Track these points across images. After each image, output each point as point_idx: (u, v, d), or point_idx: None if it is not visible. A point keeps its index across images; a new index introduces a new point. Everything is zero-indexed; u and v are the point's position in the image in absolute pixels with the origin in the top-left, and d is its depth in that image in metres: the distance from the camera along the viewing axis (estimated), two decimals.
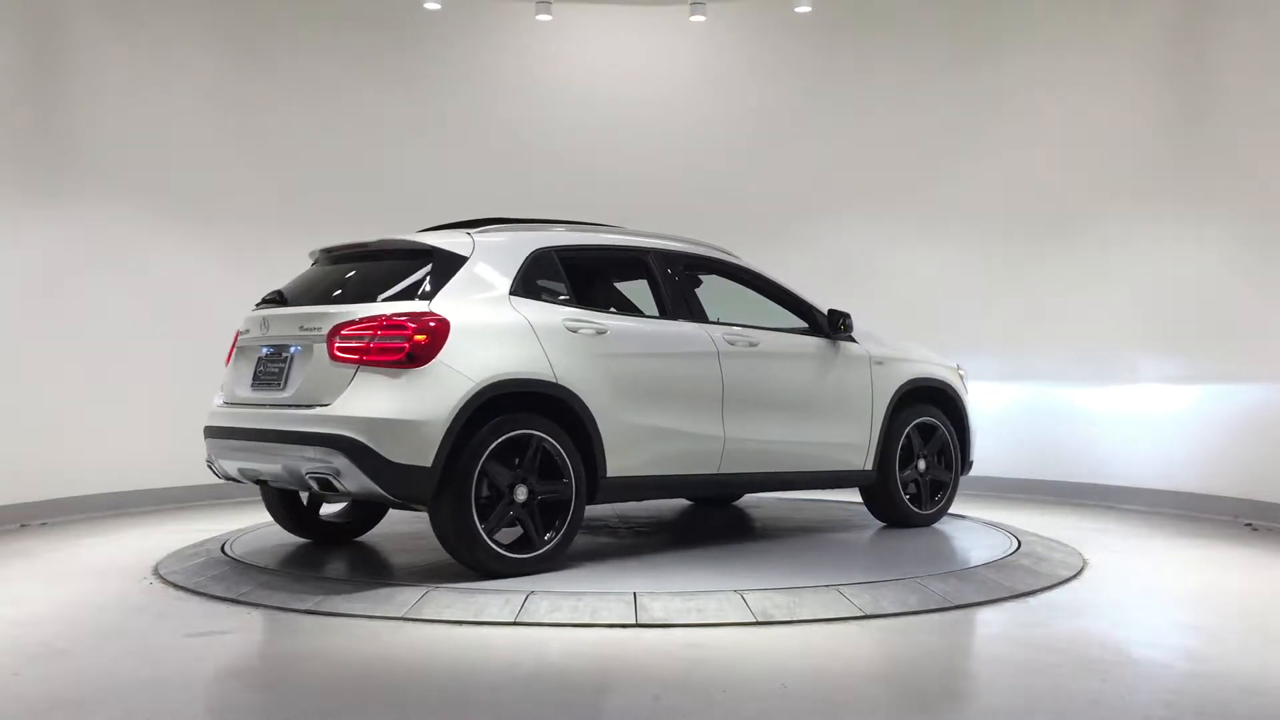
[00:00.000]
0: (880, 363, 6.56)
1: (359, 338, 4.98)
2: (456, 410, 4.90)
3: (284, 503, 6.10)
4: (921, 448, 6.73)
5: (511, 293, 5.31)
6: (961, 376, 7.10)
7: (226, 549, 5.99)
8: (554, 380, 5.20)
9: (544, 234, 5.70)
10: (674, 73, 9.69)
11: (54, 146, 7.79)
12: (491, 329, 5.15)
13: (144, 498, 8.04)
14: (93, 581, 5.49)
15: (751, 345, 6.04)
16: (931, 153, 9.20)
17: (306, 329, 5.20)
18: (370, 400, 4.90)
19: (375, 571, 5.37)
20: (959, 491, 7.05)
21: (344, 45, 9.21)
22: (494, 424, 5.04)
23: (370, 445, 4.83)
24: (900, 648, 4.30)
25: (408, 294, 5.17)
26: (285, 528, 6.28)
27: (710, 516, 7.29)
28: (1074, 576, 5.55)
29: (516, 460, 5.13)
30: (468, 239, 5.44)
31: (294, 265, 6.15)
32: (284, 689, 3.83)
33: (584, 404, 5.28)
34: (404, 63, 9.37)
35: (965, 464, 7.02)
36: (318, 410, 5.01)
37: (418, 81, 9.41)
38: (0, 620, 4.70)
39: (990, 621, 4.73)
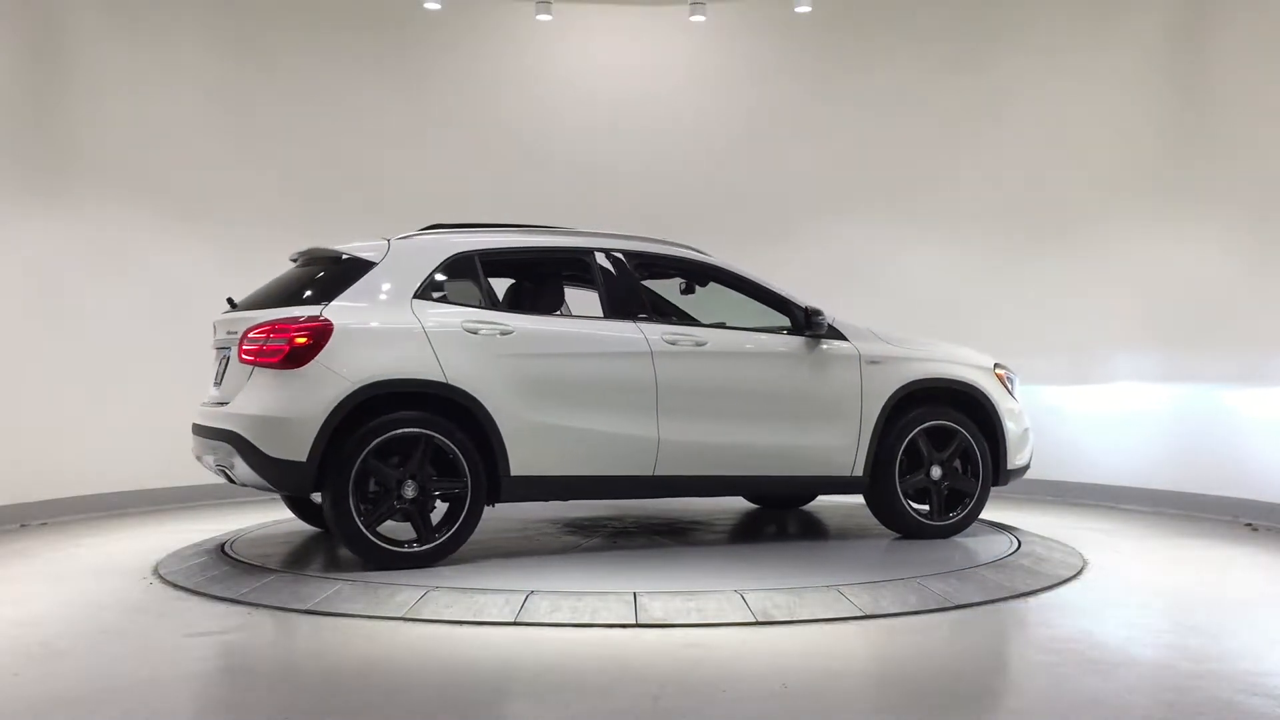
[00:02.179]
0: (875, 361, 6.18)
1: (257, 340, 5.34)
2: (331, 409, 5.15)
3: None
4: (935, 454, 6.28)
5: (417, 296, 5.50)
6: (1004, 377, 6.59)
7: (226, 549, 5.99)
8: (444, 380, 5.33)
9: (470, 238, 5.82)
10: (674, 73, 9.68)
11: (54, 146, 7.79)
12: (379, 331, 5.37)
13: (144, 498, 8.04)
14: (93, 581, 5.49)
15: (698, 345, 5.86)
16: (932, 152, 9.19)
17: (230, 333, 5.59)
18: (256, 399, 5.29)
19: (375, 571, 5.37)
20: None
21: (344, 45, 9.20)
22: (376, 423, 5.24)
23: (252, 441, 5.23)
24: (900, 648, 4.30)
25: (312, 298, 5.45)
26: (300, 518, 6.51)
27: (719, 516, 7.29)
28: (1074, 576, 5.55)
29: (405, 457, 5.31)
30: (383, 245, 5.68)
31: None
32: (284, 689, 3.83)
33: (480, 403, 5.38)
34: (404, 63, 9.37)
35: (1002, 473, 6.44)
36: (223, 408, 5.47)
37: (418, 81, 9.41)
38: (0, 620, 4.70)
39: (990, 621, 4.73)
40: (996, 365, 6.63)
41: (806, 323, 6.09)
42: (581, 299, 6.56)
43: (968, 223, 9.10)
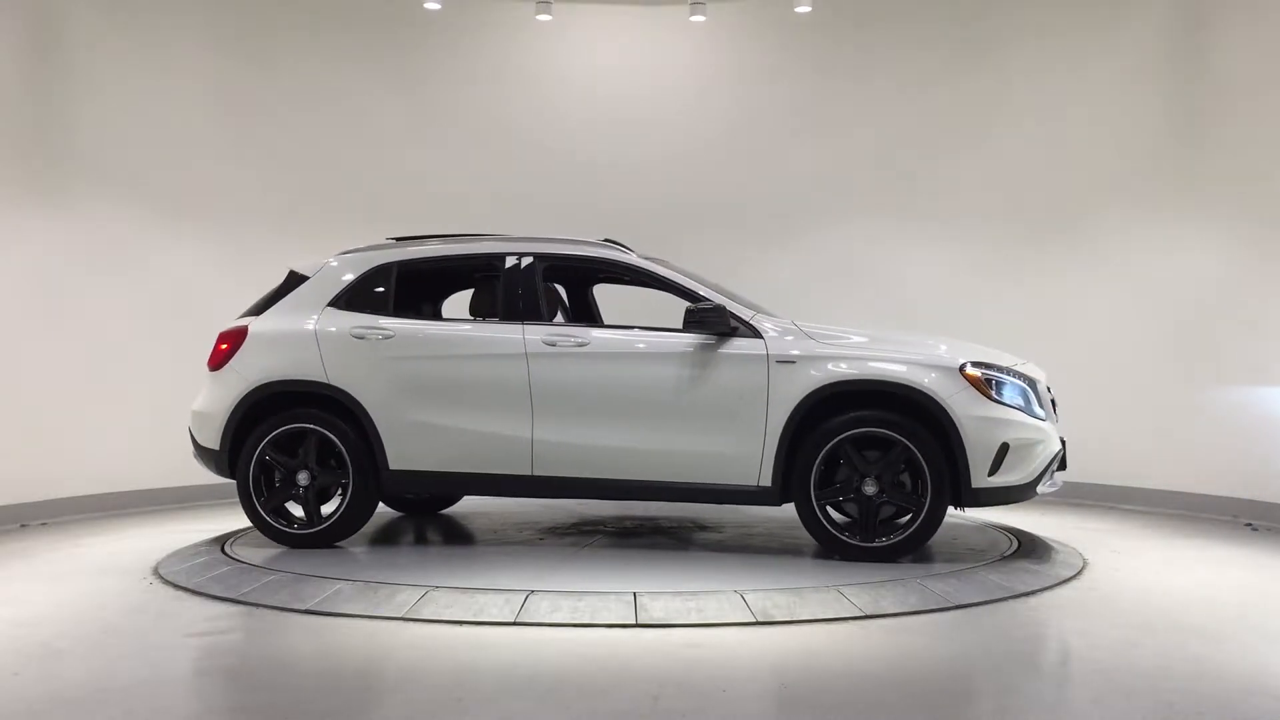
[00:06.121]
0: (789, 361, 5.56)
1: (215, 346, 6.24)
2: (233, 406, 6.03)
3: None
4: (868, 465, 5.52)
5: (331, 305, 6.11)
6: (980, 379, 5.53)
7: (226, 549, 6.00)
8: (325, 381, 5.96)
9: (395, 250, 6.27)
10: (673, 73, 9.68)
11: (53, 145, 7.78)
12: (280, 338, 6.08)
13: (144, 498, 8.04)
14: (93, 581, 5.50)
15: (579, 346, 5.80)
16: (932, 153, 9.18)
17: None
18: (200, 396, 6.28)
19: (375, 571, 5.37)
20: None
21: (344, 45, 9.20)
22: (273, 418, 6.01)
23: (192, 432, 6.31)
24: (900, 648, 4.30)
25: (259, 309, 6.27)
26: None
27: (720, 517, 7.29)
28: (1074, 576, 5.56)
29: (299, 449, 6.00)
30: (323, 261, 6.31)
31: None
32: (284, 689, 3.83)
33: (358, 402, 5.93)
34: (404, 63, 9.37)
35: (965, 491, 5.48)
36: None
37: (418, 81, 9.40)
38: (0, 620, 4.70)
39: (990, 621, 4.73)
40: (971, 364, 5.58)
41: (693, 319, 5.64)
42: (609, 304, 6.57)
43: (967, 223, 9.10)
